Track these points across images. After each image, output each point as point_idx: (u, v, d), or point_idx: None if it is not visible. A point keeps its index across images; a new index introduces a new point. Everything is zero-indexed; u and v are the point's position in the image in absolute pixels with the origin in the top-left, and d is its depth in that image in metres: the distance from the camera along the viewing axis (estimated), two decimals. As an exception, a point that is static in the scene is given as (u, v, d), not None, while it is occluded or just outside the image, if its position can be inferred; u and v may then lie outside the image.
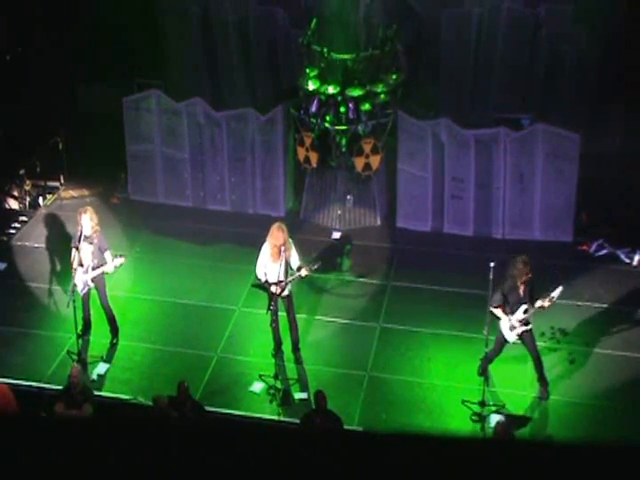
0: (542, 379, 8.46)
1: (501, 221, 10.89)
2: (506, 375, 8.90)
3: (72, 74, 12.26)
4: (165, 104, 11.50)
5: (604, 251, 10.44)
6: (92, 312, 9.31)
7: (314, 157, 10.93)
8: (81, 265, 8.85)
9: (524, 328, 8.21)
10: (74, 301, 8.82)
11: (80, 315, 9.07)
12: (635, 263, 10.30)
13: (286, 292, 8.89)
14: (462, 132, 10.76)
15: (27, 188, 11.69)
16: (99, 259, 8.88)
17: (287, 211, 11.44)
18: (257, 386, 8.84)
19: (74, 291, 8.86)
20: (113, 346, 9.28)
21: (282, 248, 8.62)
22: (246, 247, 10.72)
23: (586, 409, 8.51)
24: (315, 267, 8.85)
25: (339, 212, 11.07)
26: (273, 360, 8.88)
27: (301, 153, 11.02)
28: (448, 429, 8.33)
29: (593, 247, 10.45)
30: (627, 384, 8.71)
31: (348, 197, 11.05)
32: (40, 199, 11.71)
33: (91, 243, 8.84)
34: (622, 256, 10.37)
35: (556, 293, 8.09)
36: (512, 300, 8.19)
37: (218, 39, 12.29)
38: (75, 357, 9.03)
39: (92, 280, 8.93)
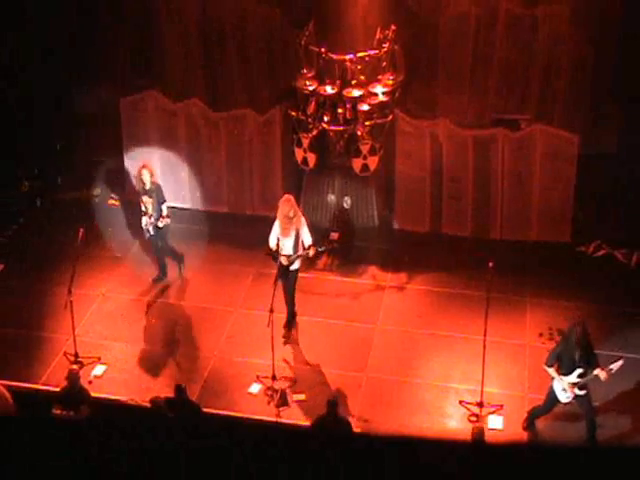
0: (592, 442, 7.92)
1: (499, 222, 10.89)
2: (504, 375, 8.90)
3: (69, 75, 12.22)
4: (162, 105, 11.49)
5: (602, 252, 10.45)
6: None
7: (312, 158, 10.91)
8: (145, 214, 9.84)
9: (578, 392, 7.89)
10: (71, 302, 8.83)
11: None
12: (633, 264, 10.31)
13: (293, 267, 9.07)
14: (460, 133, 10.76)
15: (25, 189, 11.68)
16: (158, 209, 9.79)
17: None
18: (255, 387, 8.83)
19: (71, 292, 8.86)
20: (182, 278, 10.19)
21: (291, 217, 8.80)
22: (244, 248, 10.73)
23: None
24: (322, 249, 8.99)
25: (337, 213, 11.05)
26: (271, 360, 8.85)
27: (299, 154, 11.00)
28: (446, 429, 8.32)
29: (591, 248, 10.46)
30: (626, 385, 8.69)
31: (346, 198, 11.04)
32: (37, 200, 11.69)
33: (151, 196, 9.74)
34: (619, 257, 10.39)
35: (616, 366, 7.77)
36: (566, 362, 7.87)
37: (215, 39, 12.27)
38: (72, 358, 9.03)
39: (152, 229, 9.83)
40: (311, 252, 8.95)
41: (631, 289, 9.92)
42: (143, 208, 9.87)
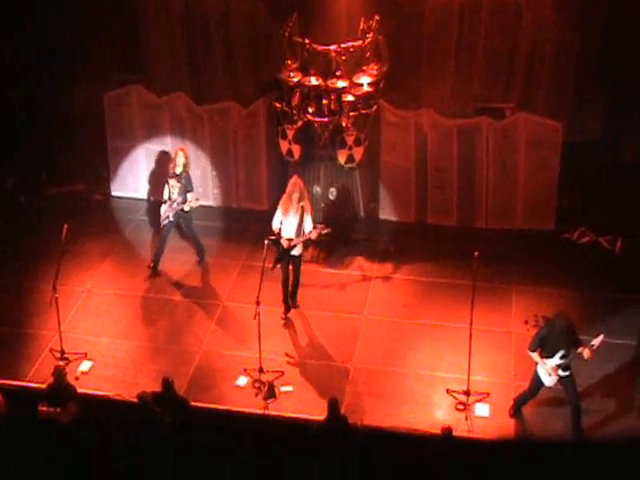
0: (577, 427, 7.95)
1: (484, 211, 10.91)
2: (490, 363, 8.93)
3: (52, 70, 12.16)
4: (147, 99, 11.45)
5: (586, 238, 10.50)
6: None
7: (297, 150, 10.90)
8: (169, 199, 9.89)
9: (562, 374, 7.92)
10: (56, 299, 8.82)
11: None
12: (617, 250, 10.35)
13: (296, 252, 9.12)
14: (445, 122, 10.76)
15: (9, 186, 11.64)
16: (183, 197, 9.83)
17: (272, 204, 11.40)
18: (242, 380, 8.84)
19: (56, 288, 8.85)
20: (202, 262, 10.31)
21: (295, 199, 8.92)
22: (230, 241, 10.73)
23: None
24: (325, 232, 9.05)
25: (322, 205, 11.05)
26: (258, 353, 8.85)
27: (284, 146, 11.00)
28: (434, 419, 8.36)
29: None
30: (609, 369, 8.74)
31: (331, 189, 11.04)
32: (22, 197, 11.65)
33: (179, 181, 9.81)
34: (604, 243, 10.43)
35: (597, 341, 7.77)
36: (549, 345, 7.91)
37: (199, 34, 12.22)
38: (58, 355, 9.02)
39: (173, 215, 9.90)
40: (313, 235, 9.02)
41: (616, 275, 9.96)
42: (166, 194, 9.93)
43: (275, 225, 9.22)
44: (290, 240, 9.08)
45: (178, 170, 9.88)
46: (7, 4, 11.76)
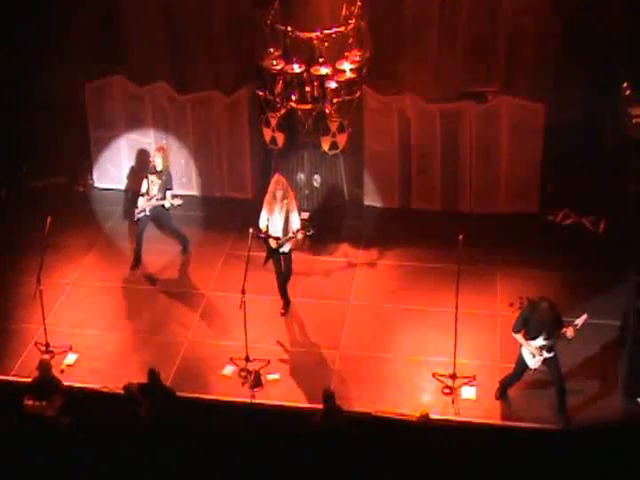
0: (562, 409, 8.04)
1: (468, 195, 10.92)
2: (476, 347, 8.96)
3: (32, 59, 12.05)
4: (128, 89, 11.37)
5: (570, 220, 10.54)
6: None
7: (280, 137, 10.87)
8: (147, 193, 9.90)
9: (546, 355, 7.95)
10: (40, 292, 8.78)
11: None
12: (600, 231, 10.40)
13: (285, 249, 9.09)
14: (427, 107, 10.74)
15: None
16: (162, 194, 9.86)
17: (256, 193, 11.38)
18: (228, 369, 8.85)
19: (40, 281, 8.80)
20: (186, 252, 10.32)
21: (279, 198, 8.86)
22: (214, 231, 10.70)
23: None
24: (310, 232, 8.97)
25: (307, 192, 11.03)
26: (244, 342, 8.84)
27: (267, 134, 10.95)
28: (420, 403, 8.39)
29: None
30: (592, 350, 8.80)
31: (315, 177, 11.02)
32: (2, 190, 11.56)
33: (160, 178, 9.84)
34: (587, 224, 10.47)
35: (580, 320, 7.80)
36: (533, 327, 7.92)
37: (180, 21, 12.14)
38: (43, 348, 8.99)
39: (149, 210, 9.90)
40: (299, 235, 8.96)
41: (599, 256, 9.99)
42: (144, 188, 9.92)
43: (262, 224, 9.18)
44: (278, 239, 9.02)
45: (159, 168, 9.89)
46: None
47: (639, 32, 10.48)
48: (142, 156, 11.52)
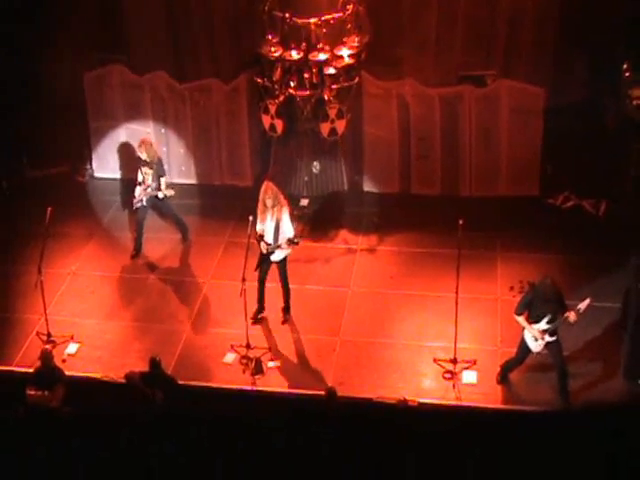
0: (564, 392, 8.03)
1: (468, 179, 10.88)
2: (477, 331, 8.95)
3: (31, 48, 12.02)
4: (128, 79, 11.35)
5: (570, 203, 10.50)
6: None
7: (279, 124, 10.83)
8: (143, 182, 9.98)
9: (549, 339, 7.92)
10: (41, 282, 8.80)
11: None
12: (601, 213, 10.35)
13: (277, 257, 8.98)
14: (427, 92, 10.69)
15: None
16: (157, 182, 9.93)
17: (255, 180, 11.37)
18: (229, 357, 8.86)
19: (41, 271, 8.82)
20: (186, 240, 10.37)
21: (269, 205, 8.79)
22: (213, 219, 10.69)
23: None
24: (296, 241, 8.86)
25: (306, 179, 11.01)
26: (245, 329, 8.85)
27: (266, 121, 10.92)
28: (421, 388, 8.40)
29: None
30: (594, 332, 8.78)
31: (315, 163, 10.99)
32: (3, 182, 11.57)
33: (151, 168, 9.91)
34: (588, 207, 10.43)
35: (583, 305, 7.75)
36: (535, 310, 7.88)
37: (179, 10, 12.09)
38: (45, 338, 9.02)
39: (146, 200, 9.95)
40: (284, 245, 8.86)
41: (600, 239, 9.96)
42: (140, 178, 9.94)
43: (258, 227, 9.03)
44: (268, 245, 8.92)
45: (148, 159, 9.92)
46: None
47: (638, 14, 10.40)
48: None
